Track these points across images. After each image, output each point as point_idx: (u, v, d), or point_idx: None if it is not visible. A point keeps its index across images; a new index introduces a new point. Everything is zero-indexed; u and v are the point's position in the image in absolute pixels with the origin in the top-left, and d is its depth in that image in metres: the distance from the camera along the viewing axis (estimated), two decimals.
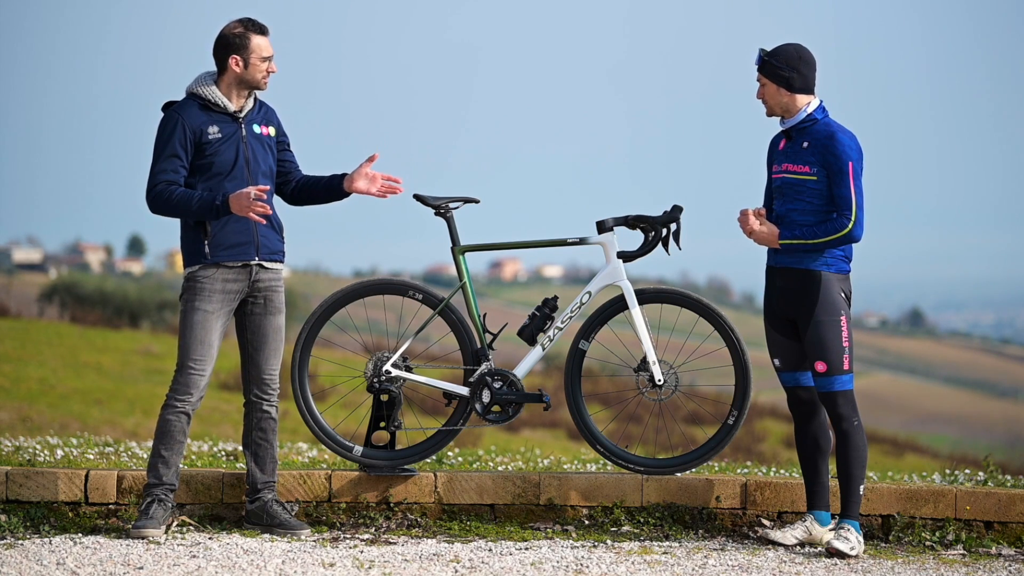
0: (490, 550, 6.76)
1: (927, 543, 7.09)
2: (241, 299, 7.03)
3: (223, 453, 8.69)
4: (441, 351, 7.77)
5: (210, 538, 6.85)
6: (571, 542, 6.98)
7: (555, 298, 7.45)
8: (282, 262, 7.13)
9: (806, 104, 6.90)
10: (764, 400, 30.72)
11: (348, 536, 7.02)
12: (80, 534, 6.91)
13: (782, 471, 8.19)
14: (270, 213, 6.91)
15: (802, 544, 6.96)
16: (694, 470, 7.45)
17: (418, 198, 7.36)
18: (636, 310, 7.29)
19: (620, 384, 8.07)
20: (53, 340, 29.91)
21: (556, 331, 7.40)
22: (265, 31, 6.95)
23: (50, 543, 6.66)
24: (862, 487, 6.85)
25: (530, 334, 7.38)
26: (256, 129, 7.04)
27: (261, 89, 7.00)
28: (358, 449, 7.32)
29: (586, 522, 7.29)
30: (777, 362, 7.04)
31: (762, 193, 7.18)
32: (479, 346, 7.38)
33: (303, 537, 6.98)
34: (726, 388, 7.30)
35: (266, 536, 6.96)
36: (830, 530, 6.95)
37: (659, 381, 7.28)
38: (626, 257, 7.34)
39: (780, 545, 6.95)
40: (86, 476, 7.22)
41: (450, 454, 8.63)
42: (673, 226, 7.33)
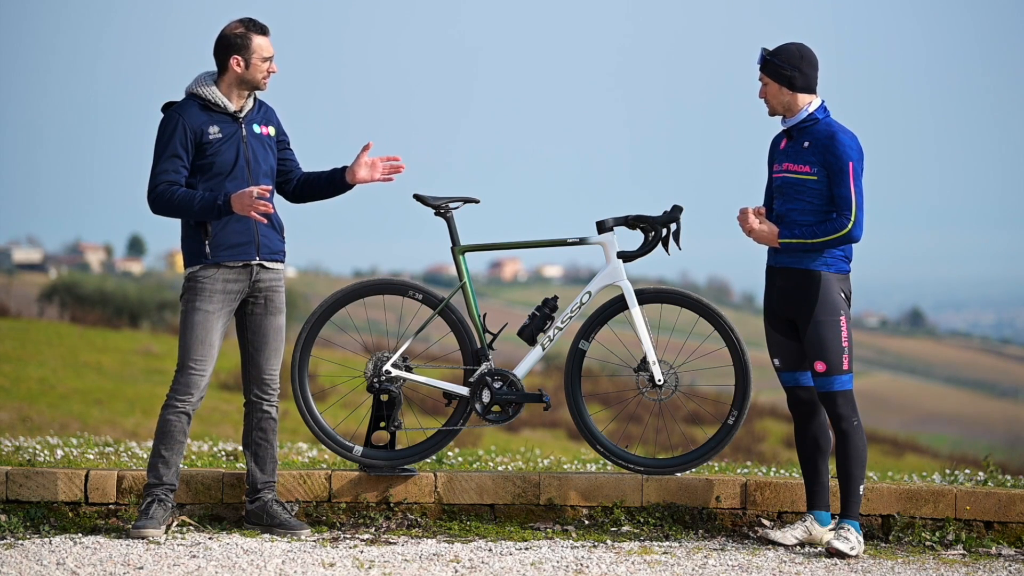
0: (490, 550, 6.76)
1: (927, 543, 7.09)
2: (242, 299, 7.03)
3: (223, 453, 8.69)
4: (441, 351, 7.77)
5: (210, 538, 6.85)
6: (571, 542, 6.97)
7: (555, 298, 7.45)
8: (283, 262, 7.13)
9: (808, 104, 6.89)
10: (764, 400, 30.71)
11: (348, 536, 7.02)
12: (80, 534, 6.91)
13: (782, 471, 8.19)
14: (272, 212, 6.91)
15: (802, 544, 6.96)
16: (694, 470, 7.45)
17: (418, 198, 7.36)
18: (636, 310, 7.29)
19: (620, 384, 8.07)
20: (53, 340, 29.91)
21: (556, 331, 7.39)
22: (266, 31, 6.95)
23: (50, 543, 6.66)
24: (862, 487, 6.85)
25: (530, 334, 7.38)
26: (256, 129, 7.03)
27: (261, 89, 7.00)
28: (358, 449, 7.32)
29: (586, 522, 7.29)
30: (777, 362, 7.04)
31: (762, 193, 7.18)
32: (479, 346, 7.38)
33: (303, 537, 6.98)
34: (726, 388, 7.30)
35: (266, 536, 6.96)
36: (830, 530, 6.95)
37: (659, 381, 7.28)
38: (626, 257, 7.34)
39: (780, 545, 6.95)
40: (86, 476, 7.22)
41: (450, 454, 8.63)
42: (673, 226, 7.33)
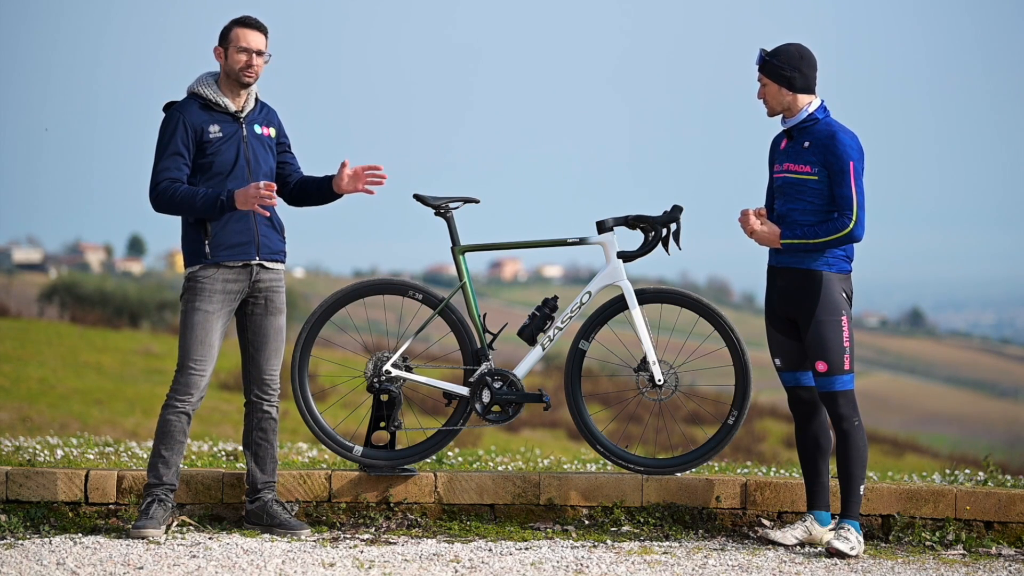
0: (490, 550, 6.76)
1: (927, 543, 7.09)
2: (242, 299, 7.03)
3: (223, 453, 8.69)
4: (441, 351, 7.76)
5: (210, 538, 6.85)
6: (571, 542, 6.97)
7: (555, 298, 7.45)
8: (283, 262, 7.13)
9: (807, 104, 6.89)
10: (764, 400, 30.70)
11: (348, 536, 7.02)
12: (80, 534, 6.90)
13: (782, 471, 8.19)
14: (275, 205, 6.90)
15: (802, 544, 6.96)
16: (694, 470, 7.45)
17: (418, 198, 7.36)
18: (636, 310, 7.29)
19: (620, 384, 8.07)
20: (53, 340, 29.90)
21: (556, 331, 7.39)
22: (252, 25, 6.92)
23: (50, 543, 6.66)
24: (862, 487, 6.85)
25: (530, 334, 7.38)
26: (257, 129, 7.03)
27: (242, 82, 6.95)
28: (358, 449, 7.32)
29: (586, 522, 7.29)
30: (778, 362, 7.04)
31: (762, 193, 7.17)
32: (479, 346, 7.38)
33: (303, 537, 6.98)
34: (726, 388, 7.30)
35: (266, 536, 6.96)
36: (830, 530, 6.95)
37: (659, 381, 7.28)
38: (626, 257, 7.34)
39: (780, 545, 6.94)
40: (86, 476, 7.22)
41: (450, 454, 8.63)
42: (673, 226, 7.33)
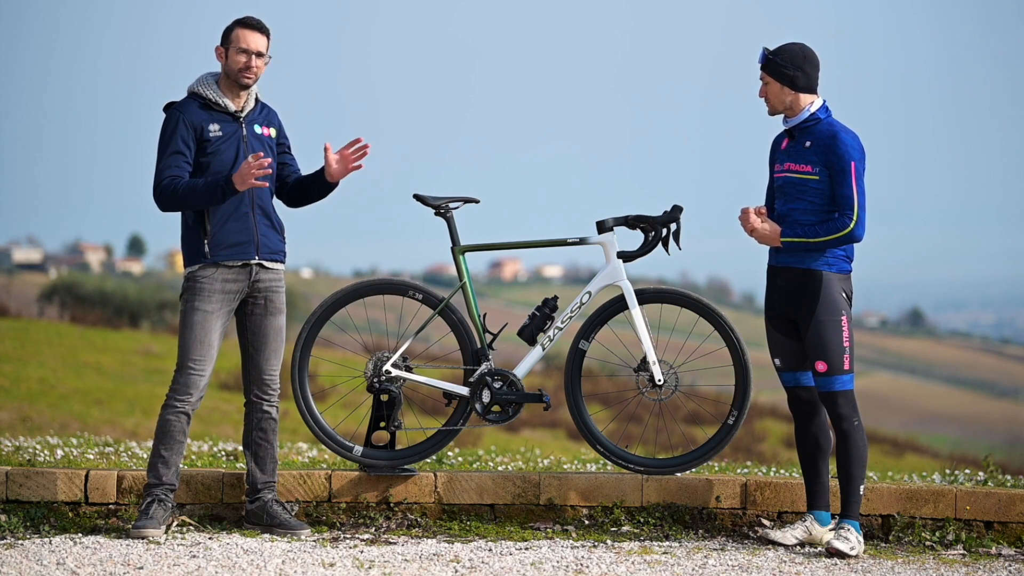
0: (490, 550, 6.75)
1: (927, 543, 7.09)
2: (241, 299, 7.02)
3: (223, 453, 8.69)
4: (441, 351, 7.76)
5: (210, 538, 6.85)
6: (571, 542, 6.97)
7: (555, 298, 7.45)
8: (283, 262, 7.13)
9: (809, 103, 6.89)
10: (764, 400, 30.71)
11: (348, 536, 7.02)
12: (80, 534, 6.90)
13: (782, 471, 8.19)
14: (270, 173, 6.90)
15: (802, 544, 6.96)
16: (694, 470, 7.45)
17: (418, 198, 7.36)
18: (636, 310, 7.28)
19: (620, 384, 8.06)
20: (53, 340, 29.90)
21: (556, 331, 7.39)
22: (254, 26, 6.93)
23: (50, 543, 6.66)
24: (862, 487, 6.85)
25: (530, 334, 7.38)
26: (257, 129, 7.03)
27: (240, 84, 6.95)
28: (358, 449, 7.32)
29: (586, 522, 7.29)
30: (778, 362, 7.04)
31: (762, 193, 7.17)
32: (479, 346, 7.38)
33: (303, 537, 6.98)
34: (726, 388, 7.30)
35: (266, 536, 6.96)
36: (830, 530, 6.95)
37: (659, 381, 7.28)
38: (626, 257, 7.34)
39: (780, 545, 6.94)
40: (86, 476, 7.22)
41: (450, 454, 8.63)
42: (673, 226, 7.33)
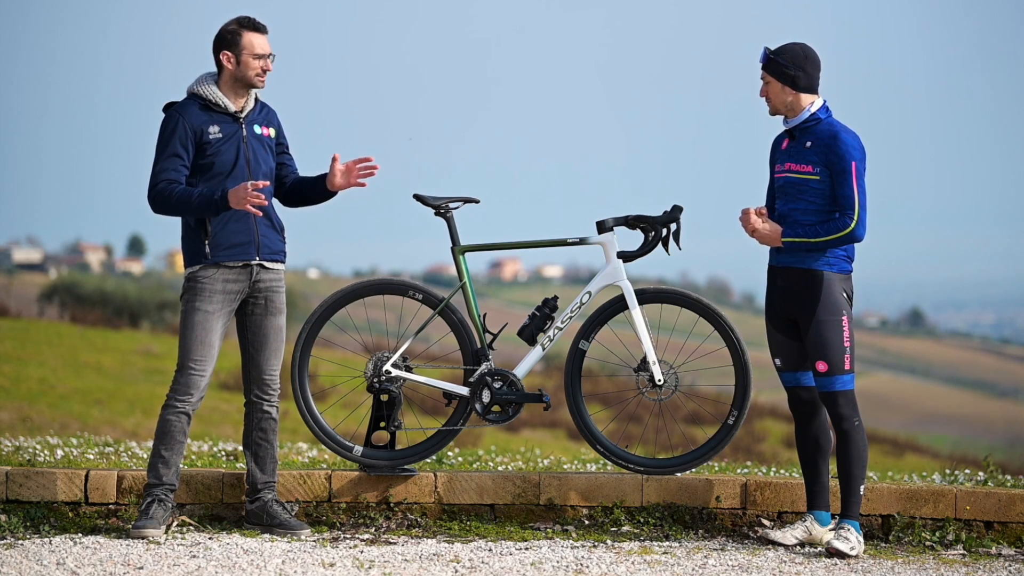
0: (490, 550, 6.75)
1: (927, 543, 7.09)
2: (242, 299, 7.02)
3: (223, 453, 8.69)
4: (441, 351, 7.76)
5: (210, 538, 6.85)
6: (571, 542, 6.97)
7: (555, 298, 7.45)
8: (283, 262, 7.13)
9: (810, 103, 6.89)
10: (764, 400, 30.70)
11: (348, 536, 7.02)
12: (80, 534, 6.90)
13: (782, 471, 8.19)
14: (266, 205, 6.90)
15: (802, 544, 6.96)
16: (694, 470, 7.45)
17: (418, 198, 7.36)
18: (636, 310, 7.28)
19: (620, 384, 8.06)
20: (53, 340, 29.91)
21: (556, 331, 7.39)
22: (260, 29, 6.94)
23: (50, 543, 6.66)
24: (862, 487, 6.85)
25: (530, 334, 7.38)
26: (257, 130, 7.03)
27: (256, 87, 6.98)
28: (358, 449, 7.32)
29: (586, 522, 7.29)
30: (778, 362, 7.04)
31: (762, 193, 7.17)
32: (479, 346, 7.38)
33: (303, 537, 6.98)
34: (726, 388, 7.30)
35: (266, 536, 6.96)
36: (830, 530, 6.95)
37: (659, 381, 7.28)
38: (626, 257, 7.34)
39: (780, 545, 6.94)
40: (86, 476, 7.22)
41: (450, 454, 8.63)
42: (673, 226, 7.33)
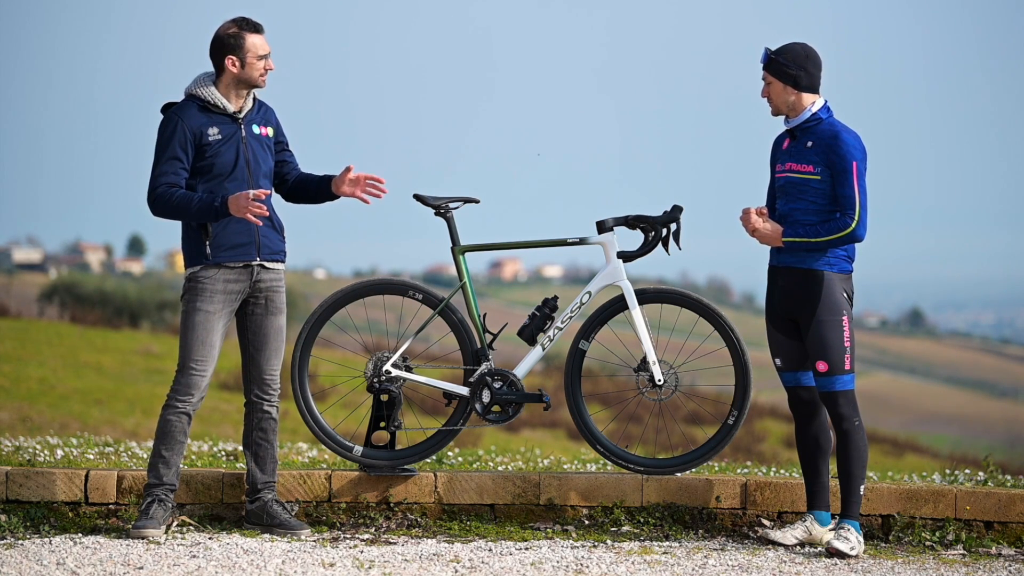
0: (490, 550, 6.76)
1: (927, 543, 7.09)
2: (242, 299, 7.03)
3: (223, 453, 8.69)
4: (441, 351, 7.76)
5: (210, 538, 6.85)
6: (571, 542, 6.97)
7: (555, 298, 7.45)
8: (283, 262, 7.13)
9: (811, 103, 6.89)
10: (764, 400, 30.71)
11: (348, 536, 7.02)
12: (80, 534, 6.90)
13: (782, 471, 8.19)
14: (267, 215, 6.90)
15: (802, 544, 6.96)
16: (694, 470, 7.45)
17: (418, 198, 7.36)
18: (636, 310, 7.29)
19: (620, 384, 8.06)
20: (53, 340, 29.89)
21: (556, 331, 7.39)
22: (259, 29, 6.94)
23: (50, 543, 6.66)
24: (862, 487, 6.85)
25: (530, 334, 7.38)
26: (256, 129, 7.03)
27: (260, 87, 6.99)
28: (358, 449, 7.32)
29: (586, 522, 7.29)
30: (778, 362, 7.04)
31: (763, 193, 7.17)
32: (479, 346, 7.38)
33: (303, 537, 6.98)
34: (726, 388, 7.30)
35: (266, 536, 6.96)
36: (830, 530, 6.95)
37: (659, 381, 7.28)
38: (626, 257, 7.34)
39: (780, 545, 6.95)
40: (86, 476, 7.22)
41: (450, 454, 8.63)
42: (673, 226, 7.33)
